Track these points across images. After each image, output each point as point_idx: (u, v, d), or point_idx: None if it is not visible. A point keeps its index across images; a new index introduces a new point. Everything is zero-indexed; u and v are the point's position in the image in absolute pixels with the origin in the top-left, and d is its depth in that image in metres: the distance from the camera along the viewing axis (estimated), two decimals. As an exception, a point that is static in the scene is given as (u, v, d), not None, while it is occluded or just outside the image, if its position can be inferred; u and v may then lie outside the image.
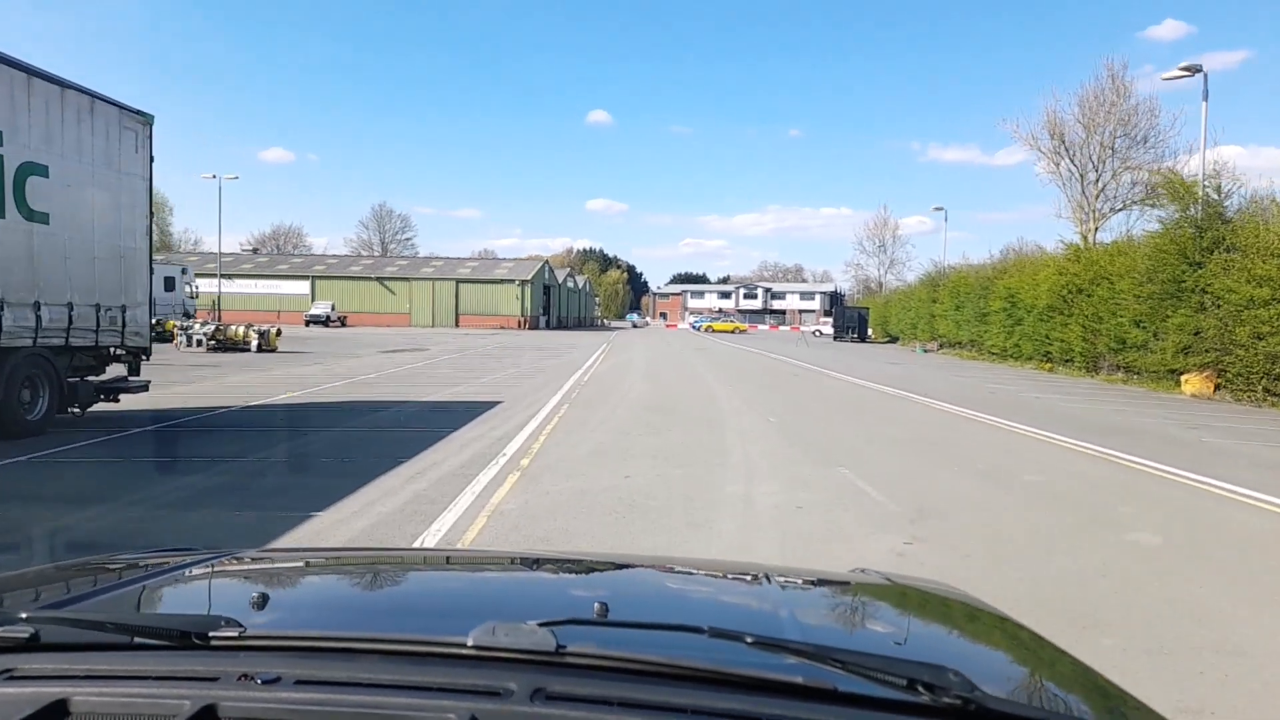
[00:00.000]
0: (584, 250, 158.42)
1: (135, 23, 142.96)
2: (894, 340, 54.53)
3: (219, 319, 38.37)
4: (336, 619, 1.39)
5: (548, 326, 69.34)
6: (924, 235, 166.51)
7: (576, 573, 1.88)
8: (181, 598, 1.56)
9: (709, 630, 1.10)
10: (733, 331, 68.67)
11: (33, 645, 1.07)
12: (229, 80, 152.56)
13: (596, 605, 1.23)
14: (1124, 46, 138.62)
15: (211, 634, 1.06)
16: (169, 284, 36.53)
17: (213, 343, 26.13)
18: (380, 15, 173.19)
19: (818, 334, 64.13)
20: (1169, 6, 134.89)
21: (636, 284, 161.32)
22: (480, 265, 67.09)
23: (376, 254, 77.64)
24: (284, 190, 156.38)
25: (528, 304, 62.78)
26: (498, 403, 13.26)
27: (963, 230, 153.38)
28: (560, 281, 77.34)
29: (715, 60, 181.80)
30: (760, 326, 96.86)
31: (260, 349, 25.98)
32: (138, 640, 1.08)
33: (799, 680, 0.96)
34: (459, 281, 63.13)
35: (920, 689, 0.94)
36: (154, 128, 11.44)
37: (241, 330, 26.75)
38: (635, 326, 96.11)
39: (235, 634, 1.06)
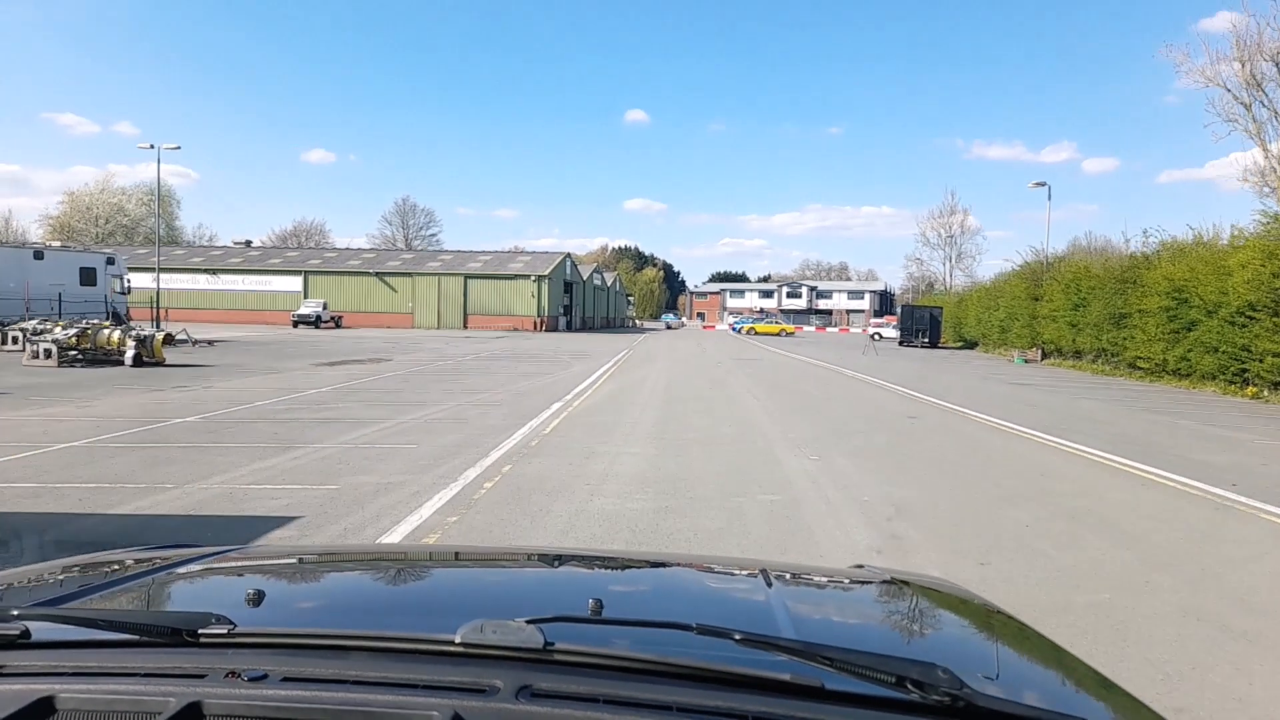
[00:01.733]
0: (619, 248, 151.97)
1: (177, 25, 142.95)
2: (970, 346, 46.01)
3: (157, 320, 31.60)
4: (327, 616, 1.38)
5: (569, 328, 61.78)
6: (966, 235, 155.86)
7: (571, 569, 1.85)
8: (175, 595, 1.53)
9: (697, 627, 1.10)
10: (778, 334, 60.31)
11: (22, 642, 1.07)
12: (272, 82, 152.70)
13: (588, 602, 1.23)
14: (1176, 40, 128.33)
15: (201, 631, 1.06)
16: (86, 276, 29.76)
17: (74, 353, 19.04)
18: (418, 17, 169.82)
19: (877, 337, 55.67)
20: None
21: (673, 283, 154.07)
22: (494, 259, 59.69)
23: (381, 247, 69.61)
24: (325, 190, 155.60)
25: (545, 302, 55.24)
26: (289, 521, 5.67)
27: (1007, 229, 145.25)
28: (585, 278, 69.68)
29: (753, 58, 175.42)
30: (806, 328, 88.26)
31: (140, 361, 18.83)
32: (127, 637, 1.07)
33: (786, 677, 0.96)
34: (468, 277, 55.68)
35: (909, 686, 0.94)
36: None
37: (115, 336, 19.62)
38: (670, 328, 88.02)
39: (225, 631, 1.06)
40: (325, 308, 51.96)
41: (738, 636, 1.04)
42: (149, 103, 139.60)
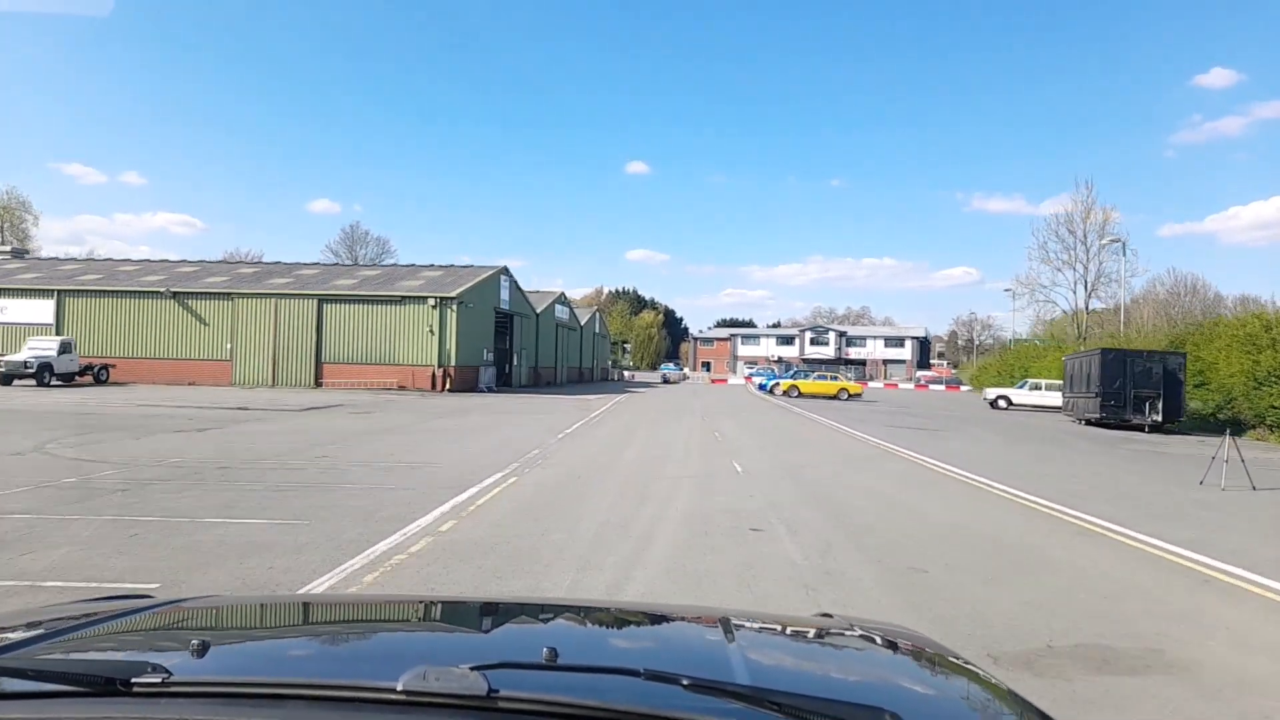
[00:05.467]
0: (616, 291, 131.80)
1: (179, 78, 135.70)
2: (1214, 423, 24.09)
3: None
4: (267, 665, 1.36)
5: (502, 383, 39.66)
6: (968, 287, 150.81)
7: (522, 617, 1.82)
8: (114, 645, 1.46)
9: (645, 673, 1.09)
10: (836, 395, 38.09)
11: None
12: (278, 133, 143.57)
13: (540, 649, 1.22)
14: (1173, 96, 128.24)
15: (135, 681, 1.02)
16: None
17: None
18: (422, 74, 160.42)
19: (1003, 403, 33.91)
20: (1216, 55, 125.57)
21: (675, 329, 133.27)
22: (381, 275, 37.84)
23: (206, 260, 44.51)
24: (328, 239, 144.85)
25: (452, 343, 33.32)
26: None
27: (1007, 279, 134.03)
28: (539, 310, 47.68)
29: (752, 111, 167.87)
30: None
31: None
32: (58, 688, 1.04)
33: None
34: (323, 300, 33.76)
35: None
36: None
37: None
38: (667, 381, 65.63)
39: (159, 680, 1.02)
40: (69, 349, 30.39)
41: (685, 682, 1.03)
42: (155, 153, 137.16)
